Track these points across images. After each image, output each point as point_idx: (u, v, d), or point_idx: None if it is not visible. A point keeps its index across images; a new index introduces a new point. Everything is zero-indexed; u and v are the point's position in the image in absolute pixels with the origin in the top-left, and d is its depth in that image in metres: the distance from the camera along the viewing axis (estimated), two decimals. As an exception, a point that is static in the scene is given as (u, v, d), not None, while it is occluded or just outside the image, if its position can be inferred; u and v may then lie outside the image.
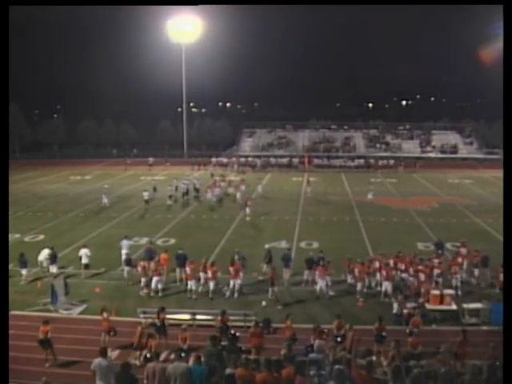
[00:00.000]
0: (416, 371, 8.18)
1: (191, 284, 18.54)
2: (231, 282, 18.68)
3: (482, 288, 19.12)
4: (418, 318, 14.96)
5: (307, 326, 14.05)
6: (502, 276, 17.65)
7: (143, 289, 18.96)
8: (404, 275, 19.18)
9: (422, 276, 18.66)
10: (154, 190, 38.48)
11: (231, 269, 19.03)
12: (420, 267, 19.10)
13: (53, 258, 20.81)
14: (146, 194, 35.25)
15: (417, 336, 13.67)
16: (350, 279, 19.19)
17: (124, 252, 22.08)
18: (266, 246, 21.46)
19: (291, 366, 8.69)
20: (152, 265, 19.62)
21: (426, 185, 45.58)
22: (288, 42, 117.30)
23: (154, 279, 18.75)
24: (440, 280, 18.74)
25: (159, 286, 18.73)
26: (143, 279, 19.09)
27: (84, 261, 20.83)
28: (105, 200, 35.03)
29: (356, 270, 18.93)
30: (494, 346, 11.95)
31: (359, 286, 18.65)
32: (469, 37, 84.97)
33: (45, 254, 21.32)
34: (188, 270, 18.81)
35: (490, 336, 13.09)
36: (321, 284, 18.59)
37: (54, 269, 20.63)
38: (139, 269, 19.36)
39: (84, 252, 20.94)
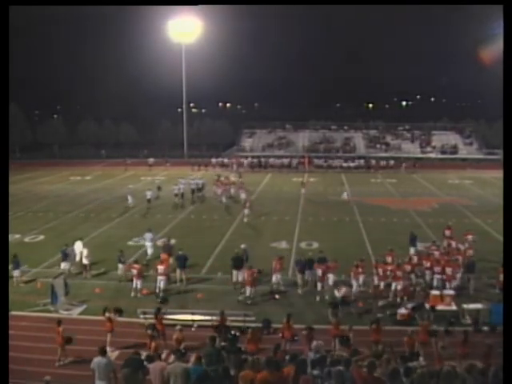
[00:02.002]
0: (419, 371, 8.19)
1: (249, 289, 18.34)
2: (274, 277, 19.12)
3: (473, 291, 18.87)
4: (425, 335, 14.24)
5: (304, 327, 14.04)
6: (501, 276, 17.74)
7: (140, 290, 18.87)
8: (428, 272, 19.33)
9: (448, 270, 18.88)
10: (159, 189, 38.65)
11: (274, 263, 19.30)
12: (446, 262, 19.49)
13: (64, 256, 20.91)
14: (148, 194, 35.38)
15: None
16: (376, 280, 19.12)
17: (147, 244, 22.99)
18: (242, 246, 21.47)
19: (292, 365, 8.68)
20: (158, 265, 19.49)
21: (425, 185, 45.58)
22: (288, 42, 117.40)
23: (160, 278, 18.82)
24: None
25: (162, 286, 18.78)
26: (136, 281, 18.86)
27: (84, 261, 20.85)
28: (130, 200, 34.51)
29: (380, 271, 19.03)
30: (491, 345, 12.05)
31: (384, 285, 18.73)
32: (469, 37, 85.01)
33: (79, 246, 21.85)
34: (246, 275, 18.66)
35: (490, 336, 13.09)
36: (355, 284, 18.70)
37: (65, 266, 20.78)
38: (134, 270, 19.14)
39: (84, 253, 20.95)
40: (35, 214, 33.07)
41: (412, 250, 22.24)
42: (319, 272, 18.92)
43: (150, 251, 23.05)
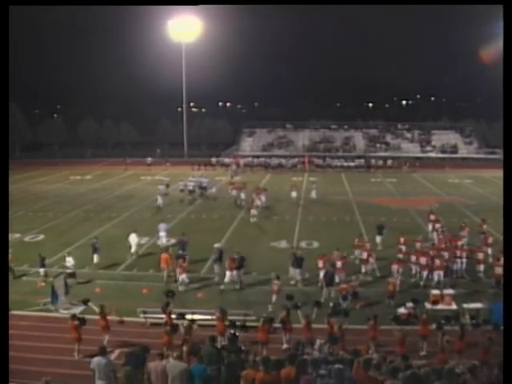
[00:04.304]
0: (423, 371, 8.20)
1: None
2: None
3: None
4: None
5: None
6: (497, 269, 18.84)
7: (181, 284, 19.22)
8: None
9: (480, 255, 20.83)
10: (167, 186, 38.93)
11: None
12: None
13: (94, 249, 21.54)
14: (161, 188, 36.20)
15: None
16: (415, 270, 20.16)
17: (161, 235, 24.20)
18: (216, 245, 21.53)
19: (291, 365, 8.65)
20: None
21: (425, 184, 45.60)
22: (288, 42, 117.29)
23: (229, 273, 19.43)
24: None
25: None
26: (182, 276, 19.31)
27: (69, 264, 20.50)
28: (160, 201, 34.43)
29: (423, 260, 19.82)
30: (490, 343, 12.14)
31: (436, 276, 19.37)
32: (469, 37, 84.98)
33: (134, 239, 22.92)
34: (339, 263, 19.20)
35: (490, 334, 13.14)
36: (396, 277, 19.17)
37: (96, 259, 21.39)
38: (179, 267, 19.57)
39: (69, 260, 20.51)
40: (35, 213, 33.06)
41: (378, 239, 24.37)
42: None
43: (164, 241, 24.25)
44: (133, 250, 23.06)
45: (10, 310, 14.49)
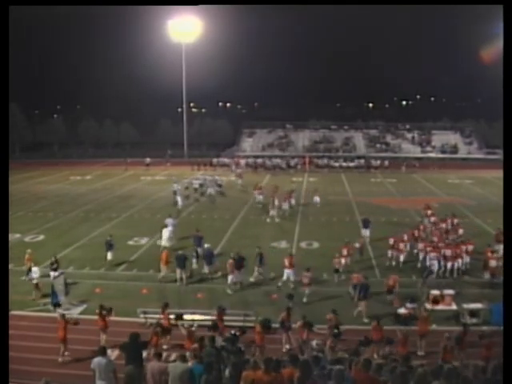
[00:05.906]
0: (421, 370, 8.19)
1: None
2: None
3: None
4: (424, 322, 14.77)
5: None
6: (492, 262, 19.35)
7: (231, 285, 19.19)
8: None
9: (469, 247, 21.63)
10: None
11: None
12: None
13: (108, 246, 21.65)
14: (175, 186, 36.79)
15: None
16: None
17: (169, 229, 24.33)
18: (206, 246, 21.63)
19: (293, 366, 8.62)
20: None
21: (425, 185, 45.60)
22: (288, 42, 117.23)
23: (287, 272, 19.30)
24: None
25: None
26: (231, 276, 19.16)
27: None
28: (180, 203, 34.05)
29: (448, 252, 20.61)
30: (489, 345, 12.18)
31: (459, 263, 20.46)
32: (469, 37, 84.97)
33: (166, 233, 23.77)
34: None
35: (490, 336, 13.13)
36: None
37: (110, 256, 21.57)
38: (228, 267, 19.45)
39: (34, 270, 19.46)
40: (35, 213, 33.06)
41: (363, 232, 25.60)
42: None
43: (171, 235, 24.59)
44: (163, 243, 23.46)
45: (10, 310, 14.50)
